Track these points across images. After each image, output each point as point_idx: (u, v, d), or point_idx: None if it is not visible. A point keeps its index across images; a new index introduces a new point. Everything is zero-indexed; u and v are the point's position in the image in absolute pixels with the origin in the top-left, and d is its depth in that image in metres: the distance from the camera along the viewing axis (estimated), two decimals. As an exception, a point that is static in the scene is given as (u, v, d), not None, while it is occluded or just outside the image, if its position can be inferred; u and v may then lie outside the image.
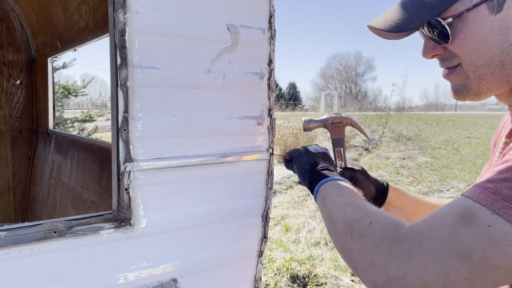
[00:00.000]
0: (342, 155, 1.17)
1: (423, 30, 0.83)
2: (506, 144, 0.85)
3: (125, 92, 0.90)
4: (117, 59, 0.89)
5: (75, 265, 0.88)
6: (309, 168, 1.02)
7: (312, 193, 0.96)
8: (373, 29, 0.90)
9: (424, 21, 0.78)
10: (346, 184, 0.92)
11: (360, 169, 1.16)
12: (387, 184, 1.16)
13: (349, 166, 1.17)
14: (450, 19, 0.75)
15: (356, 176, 1.13)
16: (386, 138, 14.68)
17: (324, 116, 1.18)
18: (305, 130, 1.19)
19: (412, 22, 0.80)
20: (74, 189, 2.21)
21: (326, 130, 1.18)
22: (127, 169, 0.92)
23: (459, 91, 0.83)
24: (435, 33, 0.79)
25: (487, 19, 0.73)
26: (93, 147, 2.13)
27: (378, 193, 1.14)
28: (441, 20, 0.76)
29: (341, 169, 1.14)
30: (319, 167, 1.01)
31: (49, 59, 2.63)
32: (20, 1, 2.66)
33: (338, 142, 1.17)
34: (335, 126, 1.17)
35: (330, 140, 1.18)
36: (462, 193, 0.67)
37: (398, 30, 0.81)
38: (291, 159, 1.09)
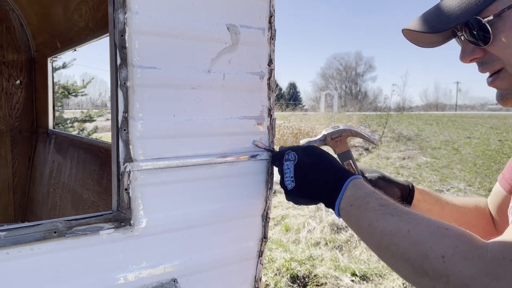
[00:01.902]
0: (354, 167, 1.11)
1: (461, 33, 0.78)
2: None
3: (125, 92, 0.90)
4: (117, 59, 0.89)
5: (75, 265, 0.88)
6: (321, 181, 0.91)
7: (331, 206, 0.87)
8: (407, 33, 0.85)
9: (462, 20, 0.74)
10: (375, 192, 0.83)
11: (379, 175, 1.10)
12: (413, 186, 1.11)
13: (366, 175, 1.11)
14: (491, 17, 0.71)
15: (377, 184, 1.08)
16: (386, 138, 14.68)
17: (322, 134, 1.13)
18: None
19: (448, 22, 0.76)
20: (74, 189, 2.21)
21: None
22: (127, 169, 0.92)
23: (507, 96, 0.78)
24: (474, 34, 0.74)
25: None
26: (93, 147, 2.13)
27: (403, 196, 1.09)
28: (481, 19, 0.72)
29: None
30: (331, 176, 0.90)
31: (49, 59, 2.63)
32: (20, 1, 2.66)
33: (345, 156, 1.12)
34: (336, 141, 1.12)
35: (336, 155, 1.11)
36: None
37: (433, 30, 0.78)
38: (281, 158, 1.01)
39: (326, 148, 1.07)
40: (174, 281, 1.02)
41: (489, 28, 0.72)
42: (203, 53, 1.01)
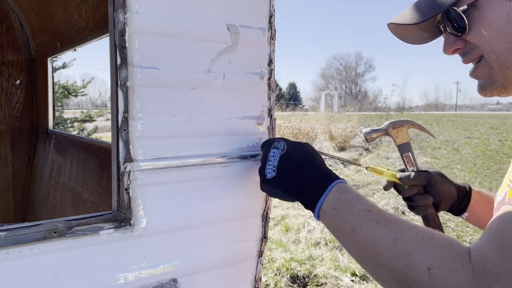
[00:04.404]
0: (412, 160, 1.11)
1: (441, 25, 0.81)
2: None
3: (125, 92, 0.90)
4: (117, 59, 0.89)
5: (75, 265, 0.88)
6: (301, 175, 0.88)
7: (310, 207, 0.84)
8: (393, 28, 0.87)
9: (439, 11, 0.77)
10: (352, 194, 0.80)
11: (438, 172, 1.10)
12: (470, 187, 1.10)
13: (423, 169, 1.10)
14: (465, 7, 0.73)
15: (434, 179, 1.07)
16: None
17: (385, 124, 1.16)
18: (367, 141, 1.16)
19: (427, 13, 0.79)
20: (74, 189, 2.21)
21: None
22: (127, 169, 0.92)
23: (485, 85, 0.80)
24: (453, 25, 0.77)
25: (501, 5, 0.72)
26: (93, 147, 2.13)
27: (460, 196, 1.08)
28: (456, 9, 0.75)
29: (415, 173, 1.07)
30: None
31: (49, 59, 2.63)
32: (20, 1, 2.66)
33: (405, 147, 1.13)
34: (398, 131, 1.14)
35: (396, 147, 1.14)
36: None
37: (415, 21, 0.80)
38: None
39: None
40: (174, 281, 1.02)
41: (465, 18, 0.74)
42: (203, 53, 1.01)
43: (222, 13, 1.03)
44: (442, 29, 0.82)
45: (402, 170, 1.13)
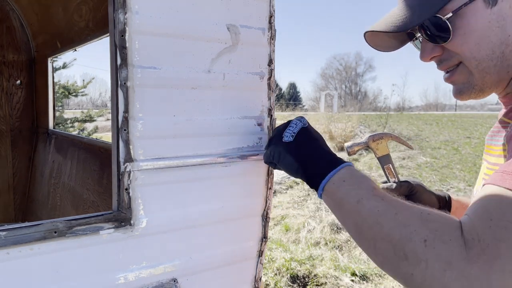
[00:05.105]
0: (393, 171, 1.16)
1: (419, 33, 0.82)
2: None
3: (125, 92, 0.90)
4: (117, 59, 0.89)
5: (75, 265, 0.88)
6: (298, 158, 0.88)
7: (315, 187, 0.84)
8: (369, 36, 0.89)
9: (424, 18, 0.78)
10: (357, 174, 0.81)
11: (419, 183, 1.14)
12: (449, 196, 1.13)
13: (403, 180, 1.14)
14: (450, 14, 0.75)
15: (415, 189, 1.11)
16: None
17: (365, 137, 1.21)
18: (349, 154, 1.20)
19: (412, 21, 0.79)
20: (74, 189, 2.21)
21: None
22: (127, 169, 0.92)
23: (464, 90, 0.82)
24: (434, 32, 0.79)
25: (484, 12, 0.74)
26: (93, 147, 2.13)
27: (441, 205, 1.11)
28: (441, 17, 0.76)
29: (397, 183, 1.11)
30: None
31: (49, 59, 2.63)
32: (20, 1, 2.66)
33: (386, 159, 1.17)
34: (377, 144, 1.18)
35: (377, 159, 1.19)
36: (488, 181, 0.64)
37: (397, 30, 0.81)
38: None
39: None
40: (174, 281, 1.02)
41: (449, 26, 0.76)
42: (203, 53, 1.01)
43: (222, 13, 1.03)
44: (421, 36, 0.83)
45: (386, 182, 1.18)
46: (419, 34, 0.84)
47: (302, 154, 0.88)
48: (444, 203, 1.12)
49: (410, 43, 0.90)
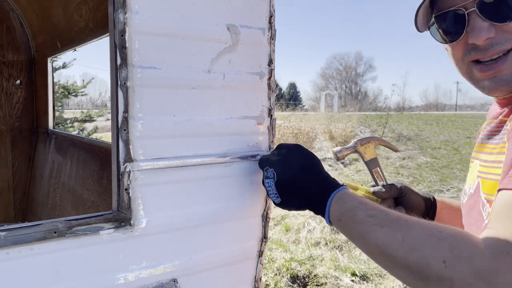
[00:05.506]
0: (381, 174, 1.18)
1: (473, 8, 0.75)
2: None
3: (125, 92, 0.90)
4: (117, 59, 0.89)
5: (75, 265, 0.88)
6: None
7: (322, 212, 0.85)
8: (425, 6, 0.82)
9: None
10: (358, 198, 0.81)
11: (404, 184, 1.15)
12: (434, 197, 1.15)
13: (391, 183, 1.15)
14: None
15: (404, 190, 1.11)
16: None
17: (353, 141, 1.23)
18: (338, 159, 1.22)
19: None
20: (74, 189, 2.21)
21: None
22: (127, 169, 0.92)
23: (510, 80, 0.75)
24: (497, 10, 0.72)
25: None
26: (93, 147, 2.13)
27: (427, 205, 1.12)
28: None
29: (386, 186, 1.13)
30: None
31: (49, 59, 2.63)
32: (20, 1, 2.66)
33: (373, 163, 1.20)
34: (365, 148, 1.20)
35: (365, 163, 1.20)
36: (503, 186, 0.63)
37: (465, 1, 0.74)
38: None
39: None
40: (174, 281, 1.02)
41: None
42: (203, 53, 1.01)
43: (222, 13, 1.03)
44: (478, 13, 0.75)
45: (374, 186, 1.19)
46: (473, 8, 0.75)
47: (297, 206, 0.92)
48: (430, 204, 1.13)
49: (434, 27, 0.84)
